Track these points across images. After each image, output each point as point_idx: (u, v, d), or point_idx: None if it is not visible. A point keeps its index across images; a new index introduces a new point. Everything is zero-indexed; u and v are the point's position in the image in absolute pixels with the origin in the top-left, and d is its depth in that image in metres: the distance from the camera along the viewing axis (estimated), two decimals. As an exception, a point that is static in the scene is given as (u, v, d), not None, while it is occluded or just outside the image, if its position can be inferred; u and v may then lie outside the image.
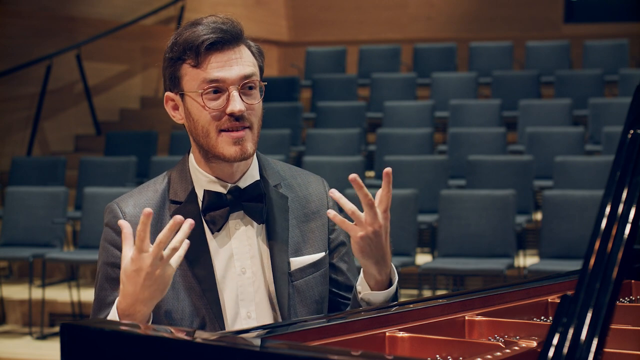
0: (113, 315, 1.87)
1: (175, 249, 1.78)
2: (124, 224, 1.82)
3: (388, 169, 1.89)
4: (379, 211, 1.90)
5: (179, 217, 1.77)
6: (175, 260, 1.80)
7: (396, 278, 2.03)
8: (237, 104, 1.95)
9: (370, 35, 12.58)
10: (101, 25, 10.36)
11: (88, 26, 10.28)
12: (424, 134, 8.23)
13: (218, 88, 1.96)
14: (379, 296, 1.99)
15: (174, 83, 2.02)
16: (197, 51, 1.96)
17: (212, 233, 2.03)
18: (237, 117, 1.96)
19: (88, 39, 10.05)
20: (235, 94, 1.96)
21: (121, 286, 1.83)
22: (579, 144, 7.76)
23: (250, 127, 1.99)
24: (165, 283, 1.81)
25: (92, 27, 10.28)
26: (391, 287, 2.01)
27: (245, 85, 1.98)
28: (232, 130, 1.97)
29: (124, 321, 1.83)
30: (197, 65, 1.97)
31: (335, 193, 1.90)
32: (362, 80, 10.52)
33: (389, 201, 1.91)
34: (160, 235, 1.76)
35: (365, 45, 11.50)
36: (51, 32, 9.91)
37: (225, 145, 1.97)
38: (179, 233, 1.78)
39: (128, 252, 1.80)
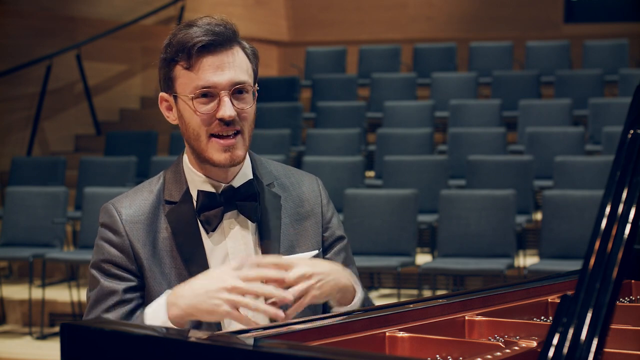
0: (161, 301, 1.88)
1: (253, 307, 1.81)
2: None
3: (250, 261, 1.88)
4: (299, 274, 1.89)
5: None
6: (245, 312, 1.83)
7: (360, 293, 2.03)
8: (227, 110, 1.96)
9: (370, 35, 12.57)
10: (101, 25, 10.35)
11: (88, 26, 10.28)
12: (424, 134, 8.22)
13: (209, 93, 1.97)
14: (346, 308, 2.01)
15: (167, 84, 2.03)
16: (189, 53, 1.96)
17: (207, 233, 2.04)
18: (227, 122, 1.97)
19: (88, 39, 10.05)
20: (226, 99, 1.97)
21: (196, 280, 1.85)
22: (579, 144, 7.76)
23: (240, 132, 2.00)
24: (218, 314, 1.82)
25: (92, 27, 10.28)
26: (354, 302, 2.01)
27: (236, 90, 1.99)
28: (222, 136, 1.98)
29: (123, 321, 1.82)
30: (189, 67, 1.98)
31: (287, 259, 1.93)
32: (362, 80, 10.51)
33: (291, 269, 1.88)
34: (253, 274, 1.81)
35: (365, 45, 11.50)
36: (51, 32, 9.91)
37: (214, 151, 1.99)
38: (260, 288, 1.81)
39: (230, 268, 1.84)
